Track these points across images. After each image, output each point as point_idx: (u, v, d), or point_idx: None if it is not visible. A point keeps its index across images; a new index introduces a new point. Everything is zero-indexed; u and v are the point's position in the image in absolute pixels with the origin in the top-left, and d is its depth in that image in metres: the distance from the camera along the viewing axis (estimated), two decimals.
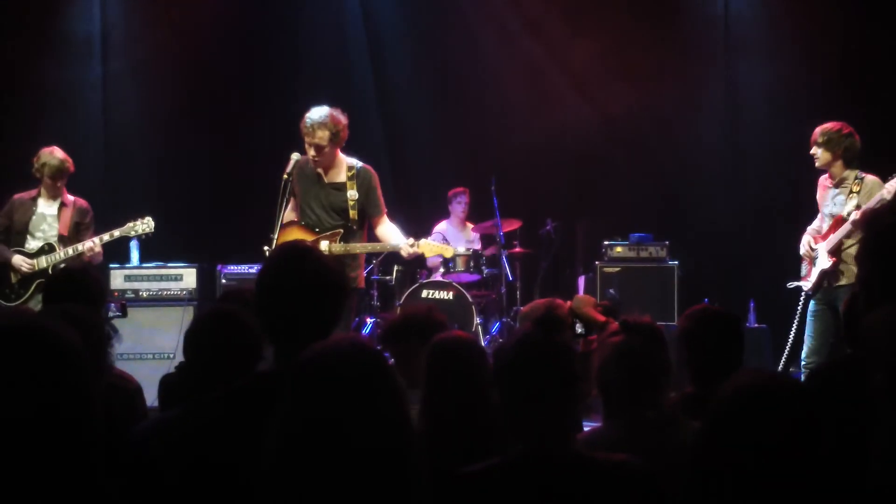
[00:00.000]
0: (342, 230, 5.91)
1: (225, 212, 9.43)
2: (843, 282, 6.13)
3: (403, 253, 6.01)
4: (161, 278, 7.85)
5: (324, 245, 5.78)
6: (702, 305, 3.57)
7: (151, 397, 3.94)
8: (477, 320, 8.46)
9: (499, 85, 10.01)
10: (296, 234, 5.89)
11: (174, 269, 7.88)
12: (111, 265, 7.76)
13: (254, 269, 7.82)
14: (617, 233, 8.72)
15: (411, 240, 6.02)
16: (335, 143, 5.91)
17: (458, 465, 2.39)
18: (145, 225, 6.77)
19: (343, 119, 5.94)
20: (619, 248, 8.57)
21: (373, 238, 6.16)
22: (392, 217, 6.21)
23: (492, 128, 10.02)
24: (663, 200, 9.56)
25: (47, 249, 6.70)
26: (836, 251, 6.17)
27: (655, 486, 2.34)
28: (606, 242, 8.62)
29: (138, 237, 6.91)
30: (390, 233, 6.07)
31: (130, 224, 6.76)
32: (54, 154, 6.73)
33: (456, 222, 9.55)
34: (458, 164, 9.96)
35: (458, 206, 9.52)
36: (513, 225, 9.21)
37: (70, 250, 6.62)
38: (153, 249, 7.99)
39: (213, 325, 3.10)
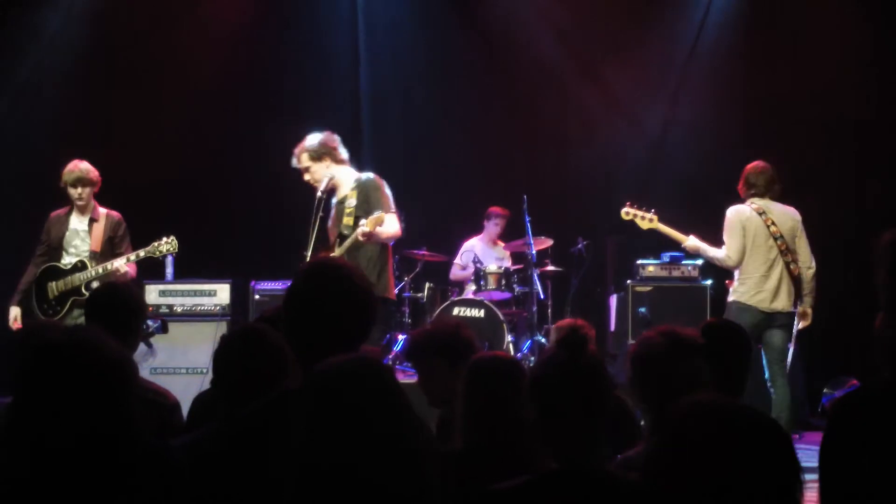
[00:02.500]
0: (339, 237, 6.03)
1: (258, 227, 9.51)
2: None
3: (359, 235, 5.81)
4: (195, 293, 7.91)
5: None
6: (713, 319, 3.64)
7: (184, 412, 3.97)
8: (508, 338, 8.46)
9: (531, 103, 10.03)
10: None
11: (208, 284, 7.94)
12: (146, 280, 7.83)
13: (287, 284, 7.87)
14: (649, 251, 8.68)
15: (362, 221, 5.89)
16: (319, 160, 6.02)
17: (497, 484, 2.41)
18: (170, 245, 6.81)
19: (324, 137, 6.09)
20: (650, 267, 8.53)
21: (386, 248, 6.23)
22: (422, 233, 6.18)
23: (524, 146, 10.04)
24: (696, 219, 9.51)
25: (80, 267, 6.79)
26: None
27: None
28: (638, 261, 8.59)
29: (164, 256, 6.97)
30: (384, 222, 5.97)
31: (155, 244, 6.80)
32: (78, 165, 6.81)
33: (487, 240, 9.55)
34: (491, 183, 9.98)
35: (494, 227, 9.51)
36: (544, 243, 9.22)
37: (100, 269, 6.71)
38: (187, 265, 8.06)
39: (240, 344, 3.12)
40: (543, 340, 9.00)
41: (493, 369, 2.94)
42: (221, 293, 7.92)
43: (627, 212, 7.08)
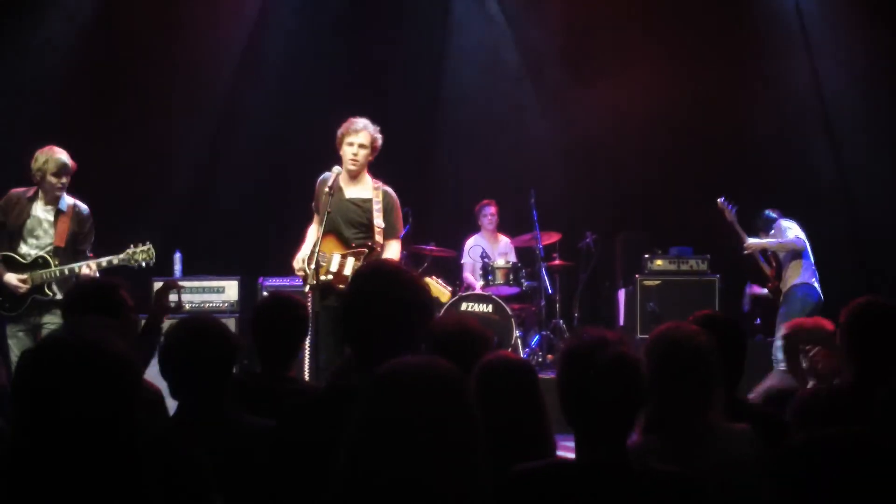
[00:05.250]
0: (367, 251, 5.94)
1: (267, 224, 9.52)
2: None
3: None
4: (203, 290, 7.93)
5: (350, 261, 5.84)
6: (705, 311, 3.60)
7: None
8: (516, 333, 8.45)
9: (538, 97, 10.02)
10: (331, 244, 5.95)
11: (216, 281, 7.95)
12: (154, 277, 7.82)
13: (295, 281, 7.87)
14: (657, 246, 8.68)
15: None
16: (371, 152, 6.01)
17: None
18: (146, 253, 6.23)
19: (379, 135, 6.04)
20: (659, 262, 8.53)
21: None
22: (430, 228, 6.13)
23: (531, 140, 10.02)
24: (704, 213, 9.49)
25: (41, 263, 6.17)
26: None
27: (705, 497, 2.38)
28: (646, 255, 8.59)
29: (139, 265, 6.26)
30: (391, 254, 6.05)
31: (130, 251, 6.22)
32: (55, 150, 6.23)
33: (487, 235, 9.51)
34: (497, 177, 9.97)
35: (485, 219, 9.46)
36: (552, 238, 9.20)
37: (66, 270, 6.13)
38: (196, 261, 8.07)
39: (182, 338, 3.12)
40: (552, 335, 9.00)
41: (504, 371, 2.91)
42: (230, 290, 7.94)
43: (722, 201, 7.91)
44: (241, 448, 2.82)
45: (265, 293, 8.13)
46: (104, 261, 6.19)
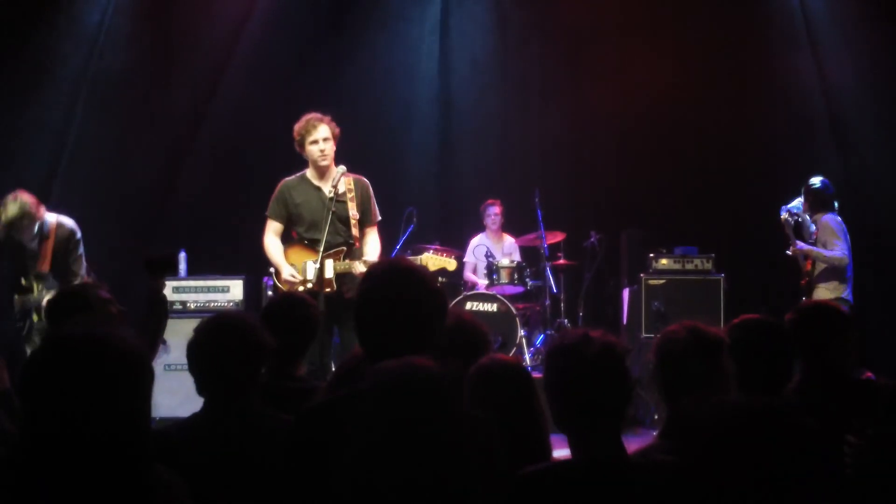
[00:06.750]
0: (345, 248, 5.86)
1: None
2: None
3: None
4: (208, 290, 7.92)
5: (328, 264, 5.74)
6: (753, 315, 3.56)
7: (198, 407, 3.97)
8: (521, 332, 8.45)
9: (542, 96, 10.01)
10: (299, 252, 5.90)
11: (221, 280, 7.95)
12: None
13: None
14: (662, 245, 8.67)
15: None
16: (334, 141, 5.93)
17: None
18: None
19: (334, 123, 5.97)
20: (664, 261, 8.52)
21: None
22: (434, 227, 6.06)
23: (536, 140, 10.01)
24: (709, 212, 9.48)
25: (28, 288, 6.33)
26: None
27: (702, 485, 2.39)
28: (651, 255, 8.58)
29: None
30: (372, 248, 5.94)
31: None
32: (8, 203, 6.18)
33: (491, 234, 9.51)
34: (502, 177, 9.97)
35: (489, 219, 9.46)
36: (557, 237, 9.20)
37: (43, 303, 6.07)
38: (201, 261, 8.07)
39: (207, 337, 3.12)
40: (556, 335, 8.98)
41: (499, 374, 2.89)
42: (234, 289, 7.94)
43: (786, 219, 7.44)
44: (259, 447, 2.84)
45: (269, 293, 8.14)
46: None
